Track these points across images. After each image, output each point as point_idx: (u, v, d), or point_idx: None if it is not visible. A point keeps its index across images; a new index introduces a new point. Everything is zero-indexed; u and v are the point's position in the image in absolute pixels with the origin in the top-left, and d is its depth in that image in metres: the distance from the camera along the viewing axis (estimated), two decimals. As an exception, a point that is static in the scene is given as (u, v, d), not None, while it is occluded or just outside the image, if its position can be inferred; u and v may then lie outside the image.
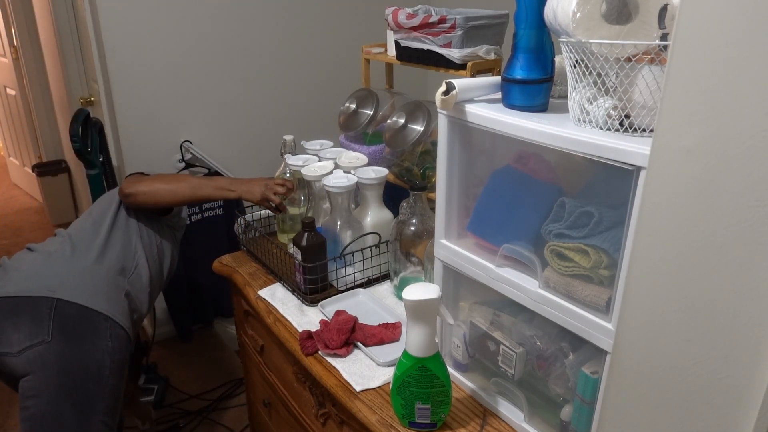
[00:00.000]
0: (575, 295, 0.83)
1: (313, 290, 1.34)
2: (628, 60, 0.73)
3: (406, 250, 1.31)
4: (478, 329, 1.02)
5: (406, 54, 1.45)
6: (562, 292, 0.84)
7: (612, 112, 0.74)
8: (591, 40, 0.74)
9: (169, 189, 1.54)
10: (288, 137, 1.59)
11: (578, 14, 0.74)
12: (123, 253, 1.55)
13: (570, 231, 0.82)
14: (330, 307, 1.31)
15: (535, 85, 0.87)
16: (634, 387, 0.64)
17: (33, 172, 3.79)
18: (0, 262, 1.50)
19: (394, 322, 1.23)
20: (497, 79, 0.93)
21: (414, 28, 1.38)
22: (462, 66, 1.32)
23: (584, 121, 0.78)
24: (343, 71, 2.57)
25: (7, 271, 1.45)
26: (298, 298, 1.37)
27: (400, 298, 1.30)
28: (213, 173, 2.34)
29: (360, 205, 1.46)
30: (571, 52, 0.77)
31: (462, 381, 1.08)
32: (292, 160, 1.52)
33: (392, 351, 1.16)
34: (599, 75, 0.76)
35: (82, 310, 1.38)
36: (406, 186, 1.42)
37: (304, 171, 1.43)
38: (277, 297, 1.38)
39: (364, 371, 1.13)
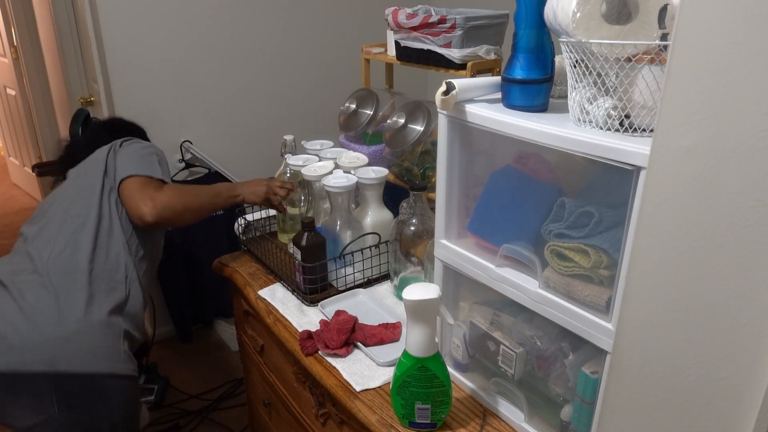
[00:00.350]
0: (575, 295, 0.83)
1: (313, 290, 1.34)
2: (628, 60, 0.73)
3: (406, 250, 1.31)
4: (478, 329, 1.02)
5: (406, 54, 1.45)
6: (562, 292, 0.84)
7: (612, 112, 0.74)
8: (591, 40, 0.74)
9: (197, 209, 1.47)
10: (288, 137, 1.59)
11: (578, 14, 0.74)
12: (112, 288, 1.39)
13: (570, 231, 0.82)
14: (330, 307, 1.31)
15: (535, 85, 0.87)
16: (634, 387, 0.64)
17: (33, 172, 3.79)
18: (7, 284, 1.34)
19: (394, 322, 1.23)
20: (497, 79, 0.93)
21: (414, 28, 1.38)
22: (462, 66, 1.32)
23: (584, 121, 0.78)
24: (343, 71, 2.57)
25: None
26: (298, 298, 1.37)
27: (400, 298, 1.30)
28: (213, 173, 2.34)
29: (360, 205, 1.46)
30: (571, 52, 0.77)
31: (462, 381, 1.08)
32: (292, 160, 1.52)
33: (392, 351, 1.16)
34: (599, 75, 0.76)
35: (84, 378, 1.29)
36: (406, 186, 1.42)
37: (304, 171, 1.43)
38: (277, 297, 1.38)
39: (364, 371, 1.13)
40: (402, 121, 1.45)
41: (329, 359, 1.16)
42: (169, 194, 1.44)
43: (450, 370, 1.03)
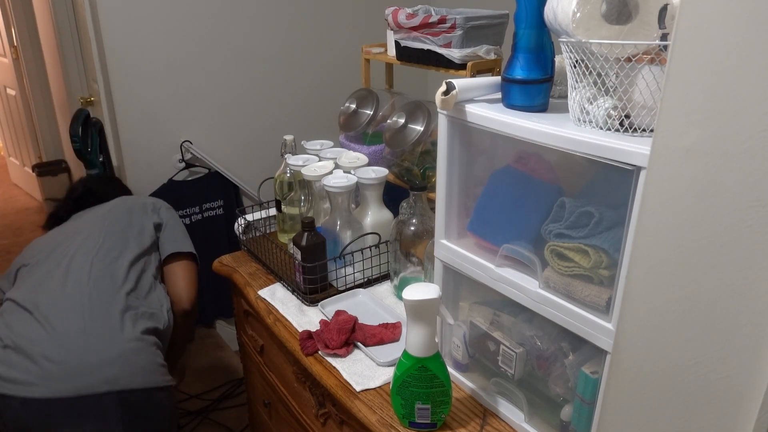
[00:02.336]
0: (575, 295, 0.83)
1: (313, 290, 1.34)
2: (628, 60, 0.73)
3: (406, 250, 1.31)
4: (478, 329, 1.02)
5: (406, 54, 1.45)
6: (562, 292, 0.84)
7: (612, 112, 0.74)
8: (591, 40, 0.74)
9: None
10: (288, 137, 1.59)
11: (578, 14, 0.74)
12: (154, 313, 1.48)
13: (570, 231, 0.82)
14: (330, 307, 1.31)
15: (535, 85, 0.87)
16: (634, 387, 0.64)
17: (33, 172, 3.79)
18: (5, 342, 1.33)
19: (394, 322, 1.23)
20: (497, 79, 0.93)
21: (414, 28, 1.38)
22: (462, 66, 1.32)
23: (584, 121, 0.78)
24: (343, 71, 2.56)
25: (34, 361, 1.29)
26: (298, 298, 1.37)
27: (400, 298, 1.30)
28: (213, 173, 2.34)
29: (360, 205, 1.46)
30: (571, 52, 0.77)
31: (462, 381, 1.08)
32: (293, 160, 1.52)
33: (392, 351, 1.16)
34: (599, 75, 0.76)
35: (143, 393, 1.35)
36: (406, 186, 1.42)
37: (304, 171, 1.43)
38: (277, 297, 1.38)
39: (364, 371, 1.12)
40: (402, 121, 1.45)
41: (329, 359, 1.16)
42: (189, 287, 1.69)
43: (450, 370, 1.03)
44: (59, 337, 1.32)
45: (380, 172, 1.41)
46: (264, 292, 1.40)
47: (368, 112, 1.60)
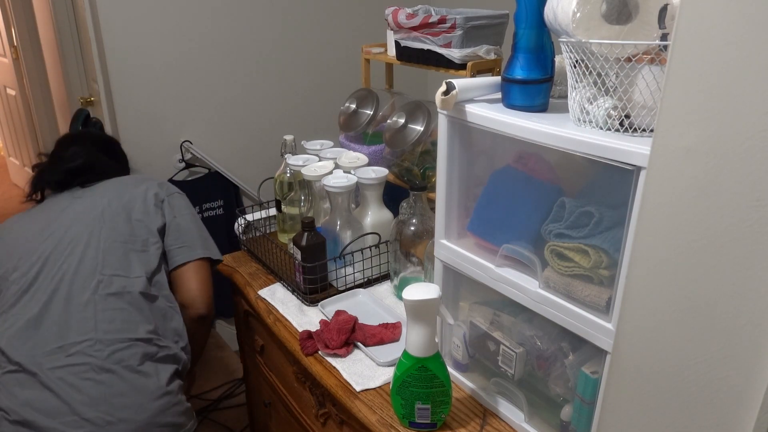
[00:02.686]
0: (575, 295, 0.83)
1: (313, 290, 1.34)
2: (628, 60, 0.73)
3: (406, 250, 1.31)
4: (478, 329, 1.02)
5: (406, 54, 1.45)
6: (562, 292, 0.84)
7: (612, 112, 0.74)
8: (591, 40, 0.74)
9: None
10: (288, 137, 1.59)
11: (578, 14, 0.74)
12: (175, 355, 1.30)
13: (570, 231, 0.82)
14: (330, 307, 1.31)
15: (535, 85, 0.87)
16: (634, 387, 0.64)
17: (33, 172, 3.78)
18: (12, 417, 1.12)
19: (394, 322, 1.23)
20: (497, 79, 0.93)
21: (414, 28, 1.38)
22: (462, 66, 1.32)
23: (584, 121, 0.78)
24: (343, 71, 2.56)
25: (62, 396, 1.12)
26: (298, 298, 1.37)
27: (400, 298, 1.30)
28: (213, 173, 2.34)
29: (360, 205, 1.46)
30: (571, 52, 0.77)
31: (462, 381, 1.08)
32: (293, 160, 1.52)
33: (392, 351, 1.16)
34: (599, 75, 0.76)
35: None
36: (406, 186, 1.42)
37: (304, 171, 1.43)
38: (277, 297, 1.38)
39: (364, 371, 1.12)
40: (402, 121, 1.45)
41: (329, 359, 1.16)
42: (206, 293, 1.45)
43: (450, 370, 1.03)
44: (77, 406, 1.13)
45: (380, 172, 1.41)
46: (264, 292, 1.40)
47: (368, 112, 1.60)
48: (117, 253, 1.33)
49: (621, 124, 0.74)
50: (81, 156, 1.56)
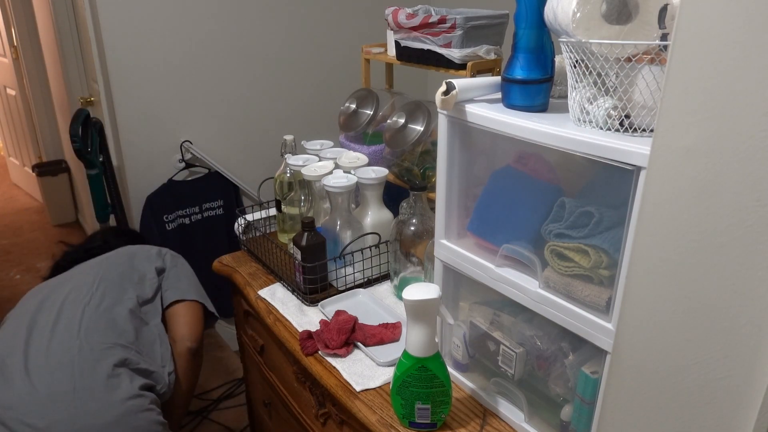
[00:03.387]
0: (575, 295, 0.83)
1: (313, 290, 1.34)
2: (628, 60, 0.73)
3: (406, 250, 1.31)
4: (478, 329, 1.02)
5: (406, 54, 1.45)
6: (562, 292, 0.84)
7: (612, 112, 0.74)
8: (591, 40, 0.74)
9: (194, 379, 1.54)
10: (288, 137, 1.59)
11: (578, 14, 0.74)
12: (154, 372, 1.33)
13: (570, 231, 0.82)
14: (330, 307, 1.31)
15: (535, 85, 0.87)
16: (634, 387, 0.64)
17: (33, 172, 3.79)
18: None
19: (394, 322, 1.23)
20: (497, 79, 0.93)
21: (414, 28, 1.38)
22: (462, 66, 1.32)
23: (584, 121, 0.78)
24: (343, 71, 2.57)
25: (11, 429, 1.14)
26: (298, 298, 1.37)
27: (400, 298, 1.30)
28: (213, 173, 2.35)
29: (360, 205, 1.46)
30: (571, 52, 0.77)
31: (462, 381, 1.08)
32: (293, 160, 1.52)
33: (392, 351, 1.16)
34: (599, 75, 0.76)
35: None
36: (406, 186, 1.42)
37: (304, 171, 1.43)
38: (277, 297, 1.38)
39: (364, 371, 1.12)
40: (402, 121, 1.45)
41: (329, 359, 1.16)
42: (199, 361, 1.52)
43: (450, 370, 1.03)
44: (42, 399, 1.16)
45: (380, 172, 1.41)
46: (264, 292, 1.40)
47: (368, 112, 1.60)
48: (113, 281, 1.43)
49: (621, 124, 0.74)
50: (100, 237, 1.78)
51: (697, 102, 0.51)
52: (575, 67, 0.78)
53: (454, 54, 1.31)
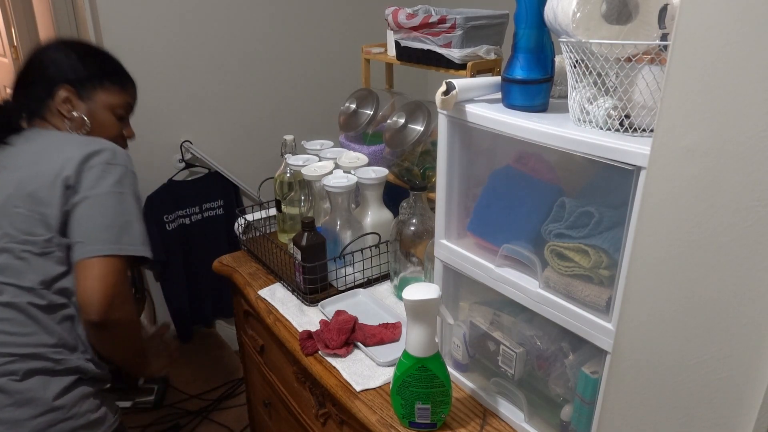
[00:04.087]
0: (575, 295, 0.83)
1: (313, 290, 1.34)
2: (628, 60, 0.73)
3: (406, 250, 1.31)
4: (478, 329, 1.02)
5: (406, 54, 1.45)
6: (562, 292, 0.84)
7: (612, 112, 0.74)
8: (591, 40, 0.74)
9: (130, 348, 1.21)
10: (288, 137, 1.59)
11: (578, 14, 0.74)
12: (78, 367, 1.14)
13: (570, 231, 0.82)
14: (330, 307, 1.31)
15: (535, 85, 0.87)
16: (634, 387, 0.64)
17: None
18: None
19: (394, 322, 1.23)
20: (497, 79, 0.93)
21: (414, 28, 1.38)
22: (462, 66, 1.32)
23: (584, 121, 0.78)
24: (343, 71, 2.56)
25: None
26: (298, 298, 1.37)
27: (400, 298, 1.30)
28: (213, 173, 2.34)
29: (360, 205, 1.46)
30: (571, 52, 0.77)
31: (462, 381, 1.08)
32: (293, 160, 1.52)
33: (392, 351, 1.16)
34: (599, 75, 0.76)
35: None
36: (406, 186, 1.42)
37: (304, 171, 1.43)
38: (277, 297, 1.38)
39: (364, 371, 1.13)
40: (402, 121, 1.45)
41: (329, 359, 1.16)
42: (128, 312, 1.15)
43: (450, 370, 1.03)
44: None
45: (380, 172, 1.41)
46: (264, 292, 1.40)
47: (368, 112, 1.60)
48: (11, 257, 1.11)
49: (621, 124, 0.74)
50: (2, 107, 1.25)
51: (697, 102, 0.51)
52: (575, 67, 0.78)
53: (454, 54, 1.31)
